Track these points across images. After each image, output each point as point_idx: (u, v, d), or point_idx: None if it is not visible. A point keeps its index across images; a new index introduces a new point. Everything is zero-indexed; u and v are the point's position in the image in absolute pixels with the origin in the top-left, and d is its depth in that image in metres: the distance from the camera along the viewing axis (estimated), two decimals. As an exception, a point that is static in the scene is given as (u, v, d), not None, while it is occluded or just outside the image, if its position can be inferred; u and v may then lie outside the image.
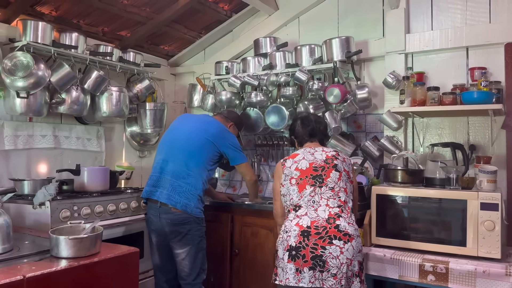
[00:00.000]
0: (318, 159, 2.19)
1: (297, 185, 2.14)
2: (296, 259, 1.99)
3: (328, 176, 2.13)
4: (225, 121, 2.98)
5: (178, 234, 2.63)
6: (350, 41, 3.05)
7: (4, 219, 1.89)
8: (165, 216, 2.64)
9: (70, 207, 2.59)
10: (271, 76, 3.18)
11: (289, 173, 2.20)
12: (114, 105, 3.28)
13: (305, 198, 2.10)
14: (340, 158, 2.22)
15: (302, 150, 2.27)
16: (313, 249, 1.97)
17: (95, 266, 1.82)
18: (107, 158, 3.59)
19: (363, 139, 3.23)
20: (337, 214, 2.05)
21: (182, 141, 2.76)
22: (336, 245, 1.97)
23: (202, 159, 2.71)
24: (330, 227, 2.00)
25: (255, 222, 3.00)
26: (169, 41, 3.98)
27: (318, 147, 2.29)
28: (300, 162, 2.19)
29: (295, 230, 2.03)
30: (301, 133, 2.37)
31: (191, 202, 2.63)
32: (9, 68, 2.70)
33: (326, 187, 2.11)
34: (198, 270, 2.69)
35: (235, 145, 2.82)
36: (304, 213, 2.08)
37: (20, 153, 2.98)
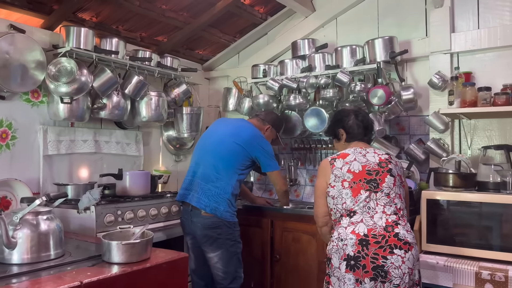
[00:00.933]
0: (371, 161, 2.07)
1: (350, 188, 2.03)
2: (356, 269, 1.89)
3: (383, 181, 2.02)
4: (261, 124, 2.93)
5: (209, 238, 2.62)
6: (393, 41, 2.97)
7: (56, 224, 1.90)
8: (196, 220, 2.63)
9: (114, 211, 2.59)
10: (310, 78, 3.13)
11: (340, 174, 2.08)
12: (153, 110, 3.29)
13: (360, 204, 2.00)
14: (393, 161, 2.10)
15: (352, 150, 2.14)
16: (373, 259, 1.88)
17: (147, 272, 1.80)
18: (145, 163, 3.61)
19: (406, 142, 3.14)
20: (394, 221, 1.95)
21: (212, 145, 2.75)
22: (398, 254, 1.88)
23: (231, 163, 2.68)
24: (389, 236, 1.91)
25: (296, 227, 2.95)
26: (204, 45, 3.98)
27: (369, 148, 2.15)
28: (352, 164, 2.08)
29: (352, 239, 1.93)
30: (355, 128, 2.20)
31: (220, 205, 2.60)
32: (54, 74, 2.74)
33: (382, 192, 2.00)
34: (233, 274, 2.66)
35: (268, 152, 2.76)
36: (360, 219, 1.97)
37: (62, 158, 3.02)
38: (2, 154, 2.69)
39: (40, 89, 2.88)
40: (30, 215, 1.83)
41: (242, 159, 2.71)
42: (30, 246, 1.78)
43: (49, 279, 1.60)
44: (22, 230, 1.78)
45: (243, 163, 2.71)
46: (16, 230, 1.77)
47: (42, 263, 1.77)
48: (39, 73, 2.74)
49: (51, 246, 1.84)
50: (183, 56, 3.91)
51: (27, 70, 2.67)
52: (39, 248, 1.80)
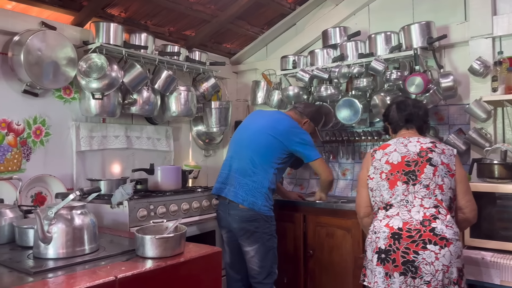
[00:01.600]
0: (411, 151, 1.96)
1: (387, 180, 1.96)
2: (386, 263, 1.85)
3: (422, 172, 1.91)
4: (299, 117, 2.87)
5: (246, 232, 2.58)
6: (431, 26, 2.83)
7: (90, 219, 1.89)
8: (233, 213, 2.60)
9: (147, 206, 2.58)
10: (342, 68, 3.03)
11: (379, 166, 2.01)
12: (183, 105, 3.28)
13: (397, 197, 1.92)
14: (438, 149, 1.96)
15: (395, 141, 2.06)
16: (404, 254, 1.81)
17: (181, 266, 1.77)
18: (175, 158, 3.60)
19: (445, 132, 2.99)
20: (433, 215, 1.85)
21: (248, 139, 2.71)
22: (431, 250, 1.79)
23: (268, 157, 2.63)
24: (424, 230, 1.82)
25: (330, 222, 2.87)
26: (232, 38, 3.93)
27: (414, 137, 2.04)
28: (391, 155, 2.00)
29: (384, 232, 1.88)
30: (396, 118, 2.14)
31: (258, 200, 2.56)
32: (84, 70, 2.75)
33: (420, 184, 1.90)
34: (268, 269, 2.62)
35: (307, 141, 2.69)
36: (396, 213, 1.91)
37: (94, 153, 3.04)
38: (37, 150, 2.72)
39: (72, 86, 2.91)
40: (65, 210, 1.82)
41: (278, 153, 2.65)
42: (65, 241, 1.78)
43: (84, 273, 1.58)
44: (57, 225, 1.78)
45: (279, 156, 2.65)
46: (51, 224, 1.76)
47: (77, 257, 1.76)
48: (71, 69, 2.75)
49: (85, 240, 1.83)
50: (210, 50, 3.87)
51: (59, 67, 2.69)
52: (74, 243, 1.79)
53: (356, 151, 3.41)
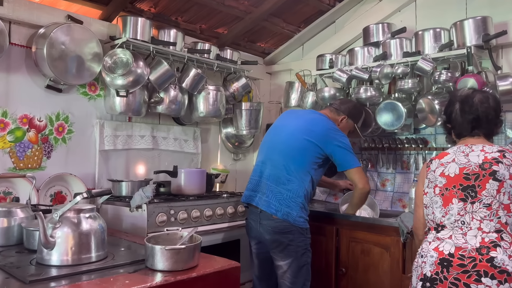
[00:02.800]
0: (472, 162, 1.64)
1: (441, 196, 1.66)
2: None
3: (483, 187, 1.59)
4: (335, 114, 2.59)
5: (279, 244, 2.34)
6: (487, 21, 2.51)
7: (99, 224, 1.73)
8: (266, 223, 2.36)
9: (167, 211, 2.42)
10: (385, 68, 2.75)
11: (433, 178, 1.71)
12: (211, 105, 3.12)
13: (451, 217, 1.62)
14: (508, 160, 1.62)
15: (455, 149, 1.73)
16: (453, 285, 1.52)
17: (193, 282, 1.57)
18: (203, 160, 3.44)
19: (501, 143, 2.64)
20: (493, 242, 1.54)
21: (282, 142, 2.46)
22: (486, 284, 1.48)
23: (303, 163, 2.38)
24: (480, 260, 1.51)
25: (366, 238, 2.59)
26: (266, 37, 3.74)
27: (478, 145, 1.70)
28: (448, 166, 1.68)
29: (432, 256, 1.60)
30: (460, 122, 1.76)
31: (293, 211, 2.31)
32: (109, 65, 2.65)
33: (480, 203, 1.58)
34: (301, 286, 2.36)
35: (345, 145, 2.41)
36: (448, 236, 1.61)
37: (119, 153, 2.93)
38: (58, 148, 2.63)
39: (97, 82, 2.82)
40: (72, 213, 1.68)
41: (313, 157, 2.39)
42: (71, 247, 1.64)
43: (84, 286, 1.42)
44: (62, 229, 1.63)
45: (315, 161, 2.40)
46: (55, 228, 1.62)
47: (82, 266, 1.62)
48: (96, 65, 2.65)
49: (92, 247, 1.68)
50: (244, 49, 3.70)
51: (83, 62, 2.59)
52: (79, 249, 1.65)
53: (398, 160, 3.11)
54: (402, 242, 2.40)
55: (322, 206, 3.16)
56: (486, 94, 1.77)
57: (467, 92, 1.80)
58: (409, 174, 3.06)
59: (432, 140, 2.96)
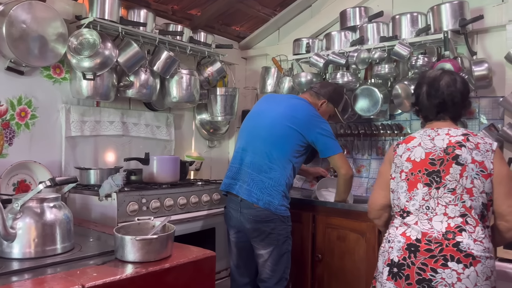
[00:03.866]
0: (437, 147, 1.62)
1: (406, 181, 1.65)
2: (398, 279, 1.57)
3: (447, 172, 1.57)
4: (315, 98, 2.53)
5: (261, 233, 2.29)
6: (464, 6, 2.49)
7: (64, 213, 1.63)
8: (247, 212, 2.30)
9: (138, 199, 2.32)
10: (362, 52, 2.71)
11: (399, 163, 1.69)
12: (185, 90, 3.01)
13: (416, 203, 1.61)
14: (471, 143, 1.59)
15: (422, 132, 1.70)
16: (420, 270, 1.53)
17: (166, 274, 1.50)
18: (176, 148, 3.34)
19: (475, 128, 2.67)
20: (458, 227, 1.53)
21: (263, 129, 2.37)
22: (453, 269, 1.49)
23: (286, 150, 2.32)
24: (447, 244, 1.52)
25: (342, 224, 2.57)
26: (241, 20, 3.64)
27: (444, 128, 1.67)
28: (414, 150, 1.66)
29: (399, 242, 1.60)
30: (426, 106, 1.73)
31: (275, 199, 2.26)
32: (75, 47, 2.50)
33: (445, 188, 1.57)
34: (281, 273, 2.34)
35: (327, 132, 2.37)
36: (414, 222, 1.60)
37: (86, 140, 2.79)
38: (21, 134, 2.48)
39: (62, 65, 2.66)
40: (34, 202, 1.58)
41: (295, 145, 2.34)
42: (33, 238, 1.53)
43: (47, 280, 1.33)
44: (24, 220, 1.53)
45: (297, 149, 2.34)
46: (16, 219, 1.51)
47: (46, 258, 1.52)
48: (60, 46, 2.50)
49: (57, 238, 1.59)
50: (218, 32, 3.59)
51: (47, 43, 2.43)
52: (43, 241, 1.55)
53: (374, 146, 3.10)
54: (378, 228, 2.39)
55: (298, 193, 3.13)
56: (453, 77, 1.72)
57: (435, 74, 1.75)
58: (384, 160, 3.05)
59: (407, 126, 2.96)
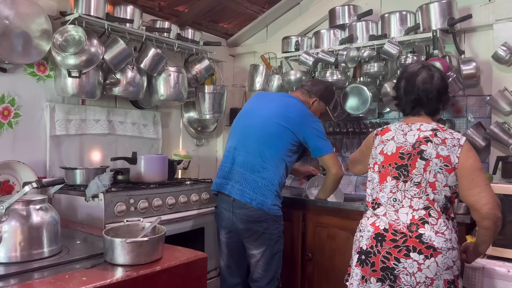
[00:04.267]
0: (408, 142, 1.68)
1: (378, 173, 1.74)
2: (364, 265, 1.68)
3: (414, 167, 1.64)
4: (307, 96, 2.51)
5: (254, 233, 2.27)
6: (452, 5, 2.51)
7: (51, 216, 1.59)
8: (239, 212, 2.27)
9: (126, 200, 2.28)
10: (351, 51, 2.71)
11: (374, 155, 1.78)
12: (173, 87, 2.96)
13: (385, 195, 1.70)
14: (438, 138, 1.63)
15: (397, 126, 1.76)
16: (384, 259, 1.62)
17: (157, 277, 1.47)
18: (164, 146, 3.29)
19: (463, 126, 2.70)
20: (422, 219, 1.62)
21: (256, 128, 2.35)
22: (414, 259, 1.58)
23: (279, 149, 2.30)
24: (410, 236, 1.60)
25: (332, 223, 2.57)
26: (229, 17, 3.61)
27: (417, 123, 1.71)
28: (387, 144, 1.73)
29: (369, 231, 1.70)
30: (403, 100, 1.77)
31: (268, 199, 2.25)
32: (60, 43, 2.43)
33: (411, 181, 1.64)
34: (273, 273, 2.34)
35: (319, 132, 2.36)
36: (383, 213, 1.70)
37: (71, 139, 2.73)
38: (4, 133, 2.41)
39: (47, 62, 2.59)
40: (20, 205, 1.53)
41: (288, 144, 2.32)
42: (19, 242, 1.49)
43: (35, 285, 1.29)
44: (9, 223, 1.49)
45: (290, 148, 2.33)
46: (1, 222, 1.47)
47: (33, 262, 1.48)
48: (45, 43, 2.43)
49: (44, 241, 1.55)
50: (206, 29, 3.55)
51: (31, 39, 2.37)
52: (30, 244, 1.51)
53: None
54: None
55: (288, 191, 3.12)
56: (431, 73, 1.73)
57: (413, 70, 1.76)
58: (373, 158, 3.06)
59: (395, 124, 2.98)
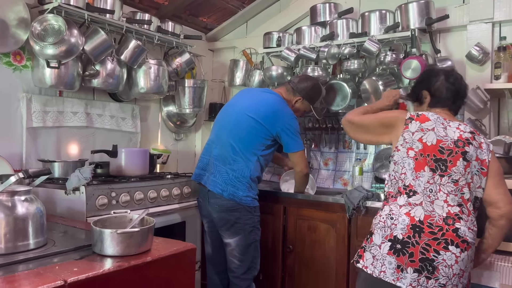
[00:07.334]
0: (449, 137, 1.69)
1: (414, 160, 1.69)
2: (401, 255, 1.63)
3: (454, 164, 1.66)
4: (291, 94, 2.55)
5: (226, 222, 2.35)
6: (430, 6, 2.60)
7: (37, 207, 1.55)
8: (213, 201, 2.37)
9: (108, 193, 2.25)
10: (332, 48, 2.76)
11: (409, 140, 1.72)
12: (153, 80, 2.93)
13: (421, 184, 1.67)
14: (476, 142, 1.72)
15: (435, 118, 1.74)
16: (424, 250, 1.61)
17: (147, 267, 1.47)
18: (142, 140, 3.25)
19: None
20: (457, 214, 1.64)
21: (230, 122, 2.44)
22: (452, 252, 1.60)
23: (249, 143, 2.36)
24: (447, 229, 1.62)
25: (313, 216, 2.62)
26: (209, 11, 3.59)
27: (453, 121, 1.76)
28: (427, 134, 1.70)
29: (404, 220, 1.65)
30: (443, 92, 1.81)
31: (239, 190, 2.32)
32: (38, 32, 2.36)
33: (449, 178, 1.66)
34: (249, 263, 2.40)
35: (291, 129, 2.41)
36: (419, 202, 1.66)
37: (49, 131, 2.66)
38: (-22, 124, 2.32)
39: (23, 52, 2.50)
40: (4, 196, 1.48)
41: (261, 138, 2.38)
42: (4, 234, 1.45)
43: (25, 276, 1.26)
44: (-7, 214, 1.44)
45: (263, 142, 2.38)
46: (-15, 213, 1.42)
47: (19, 254, 1.44)
48: (22, 32, 2.37)
49: (30, 233, 1.51)
50: (185, 23, 3.52)
51: (8, 28, 2.30)
52: (15, 236, 1.47)
53: (341, 140, 3.18)
54: (348, 218, 2.47)
55: (267, 185, 3.16)
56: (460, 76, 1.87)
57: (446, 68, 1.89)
58: (350, 153, 3.15)
59: (373, 120, 3.06)
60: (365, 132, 1.91)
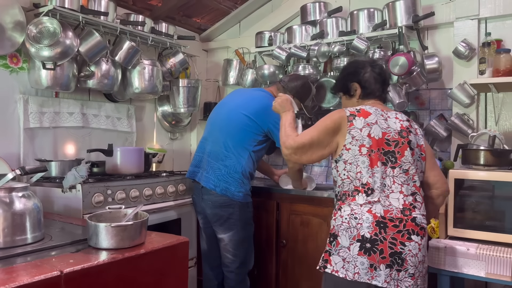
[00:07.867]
0: (391, 128, 1.73)
1: (368, 156, 1.69)
2: (372, 254, 1.65)
3: (402, 154, 1.71)
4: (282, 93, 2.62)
5: (219, 218, 2.41)
6: (416, 3, 2.66)
7: (34, 203, 1.60)
8: (206, 197, 2.44)
9: (104, 191, 2.30)
10: (322, 46, 2.82)
11: (359, 137, 1.70)
12: (147, 81, 2.99)
13: (377, 180, 1.69)
14: (413, 129, 1.80)
15: (374, 110, 1.75)
16: (391, 244, 1.64)
17: (141, 259, 1.52)
18: (138, 140, 3.31)
19: (426, 118, 2.86)
20: (411, 204, 1.71)
21: (222, 119, 2.51)
22: (415, 241, 1.66)
23: (241, 139, 2.42)
24: (406, 220, 1.67)
25: (305, 210, 2.68)
26: (202, 12, 3.65)
27: (390, 111, 1.80)
28: (373, 128, 1.71)
29: (368, 218, 1.67)
30: (372, 83, 1.84)
31: (231, 186, 2.38)
32: (34, 35, 2.41)
33: (400, 168, 1.71)
34: (242, 258, 2.46)
35: None
36: (377, 199, 1.68)
37: (45, 131, 2.71)
38: (-24, 125, 2.37)
39: (20, 54, 2.56)
40: (2, 192, 1.54)
41: (253, 134, 2.43)
42: (2, 228, 1.50)
43: (23, 267, 1.32)
44: (-8, 210, 1.49)
45: (255, 138, 2.43)
46: (-17, 209, 1.47)
47: (17, 248, 1.49)
48: (18, 34, 2.42)
49: (27, 228, 1.56)
50: (179, 24, 3.58)
51: (4, 31, 2.36)
52: (13, 231, 1.52)
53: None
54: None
55: (261, 182, 3.21)
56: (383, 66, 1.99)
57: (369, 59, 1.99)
58: (342, 149, 3.20)
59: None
60: (317, 147, 1.75)
